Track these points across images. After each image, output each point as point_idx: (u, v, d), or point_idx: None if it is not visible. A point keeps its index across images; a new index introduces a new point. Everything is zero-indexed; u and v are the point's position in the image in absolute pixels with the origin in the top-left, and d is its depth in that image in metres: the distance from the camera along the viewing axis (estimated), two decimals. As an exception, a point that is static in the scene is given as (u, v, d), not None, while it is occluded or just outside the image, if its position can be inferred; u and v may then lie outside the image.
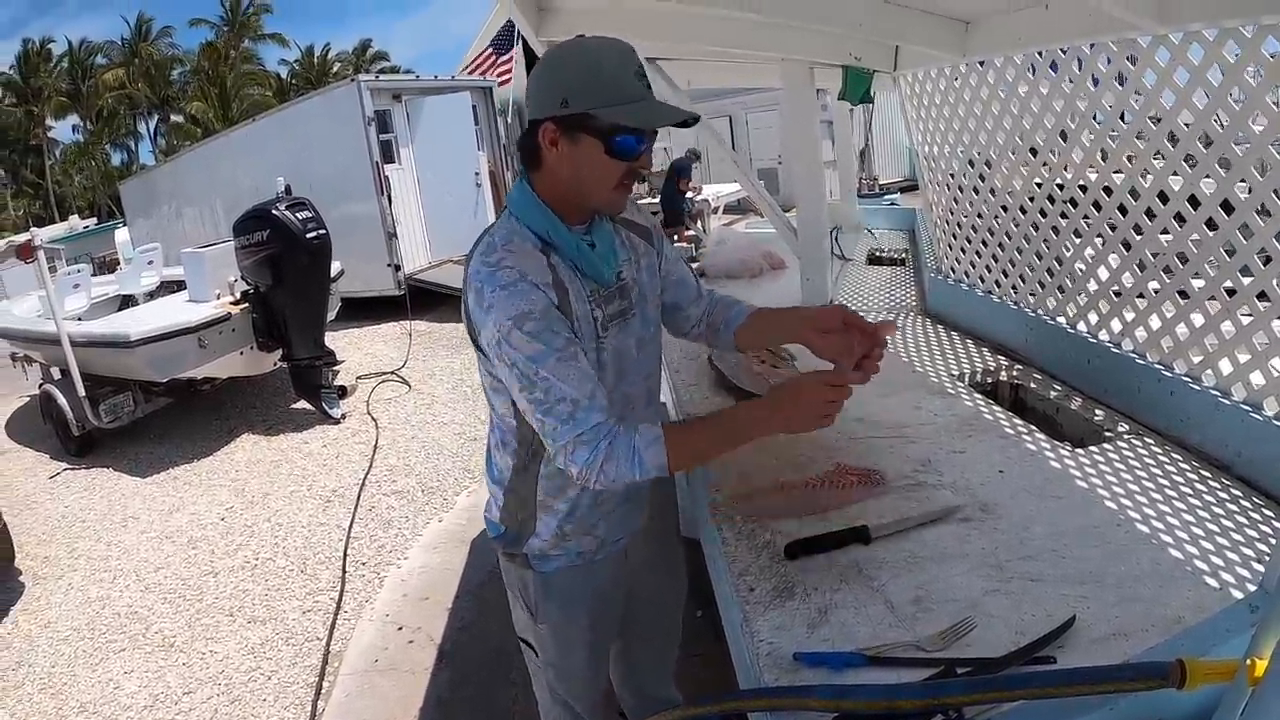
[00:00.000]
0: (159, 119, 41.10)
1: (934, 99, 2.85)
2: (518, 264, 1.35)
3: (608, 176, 1.39)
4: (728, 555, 1.50)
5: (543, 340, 1.32)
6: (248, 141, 10.81)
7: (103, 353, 5.82)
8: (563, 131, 1.35)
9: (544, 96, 1.35)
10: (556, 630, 1.70)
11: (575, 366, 1.34)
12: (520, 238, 1.41)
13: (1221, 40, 1.64)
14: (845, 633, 1.24)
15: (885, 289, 3.63)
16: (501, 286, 1.32)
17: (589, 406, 1.34)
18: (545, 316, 1.33)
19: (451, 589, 3.79)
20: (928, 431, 1.98)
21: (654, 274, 1.66)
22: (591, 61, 1.34)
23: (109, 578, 4.37)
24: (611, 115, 1.32)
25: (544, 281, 1.36)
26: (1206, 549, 1.44)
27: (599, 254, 1.47)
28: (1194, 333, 1.89)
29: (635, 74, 1.35)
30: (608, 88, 1.32)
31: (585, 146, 1.35)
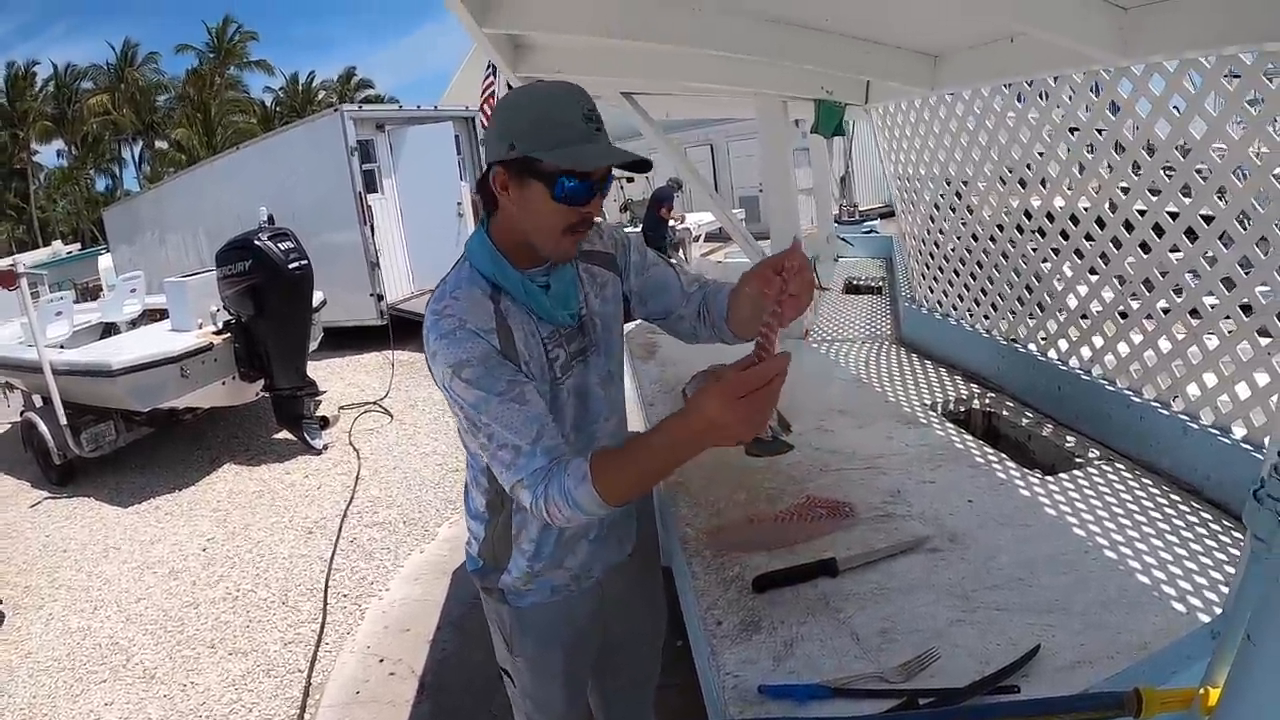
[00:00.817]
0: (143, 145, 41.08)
1: (905, 130, 2.91)
2: (459, 311, 1.35)
3: (553, 222, 1.35)
4: (697, 589, 1.50)
5: (482, 386, 1.31)
6: (231, 170, 10.81)
7: (84, 381, 5.79)
8: (511, 175, 1.34)
9: (495, 141, 1.34)
10: (533, 663, 1.70)
11: (518, 410, 1.32)
12: (469, 283, 1.40)
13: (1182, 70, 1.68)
14: (811, 665, 1.24)
15: (862, 318, 3.67)
16: (441, 335, 1.33)
17: (530, 452, 1.31)
18: (484, 363, 1.32)
19: (433, 620, 3.76)
20: (899, 462, 2.00)
21: (618, 301, 1.63)
22: (537, 105, 1.33)
23: (90, 608, 4.32)
24: (554, 159, 1.29)
25: (484, 328, 1.35)
26: (1175, 574, 1.46)
27: (554, 295, 1.45)
28: (1161, 358, 1.92)
29: (583, 116, 1.32)
30: (551, 131, 1.29)
31: (532, 191, 1.33)
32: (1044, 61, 1.91)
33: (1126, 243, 1.98)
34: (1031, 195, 2.30)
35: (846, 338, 3.33)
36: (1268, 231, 1.61)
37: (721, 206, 3.48)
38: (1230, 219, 1.69)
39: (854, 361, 2.94)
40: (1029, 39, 1.91)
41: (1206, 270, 1.77)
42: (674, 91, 3.30)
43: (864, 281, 4.38)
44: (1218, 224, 1.72)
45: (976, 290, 2.65)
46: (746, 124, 16.49)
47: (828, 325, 3.55)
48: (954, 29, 2.08)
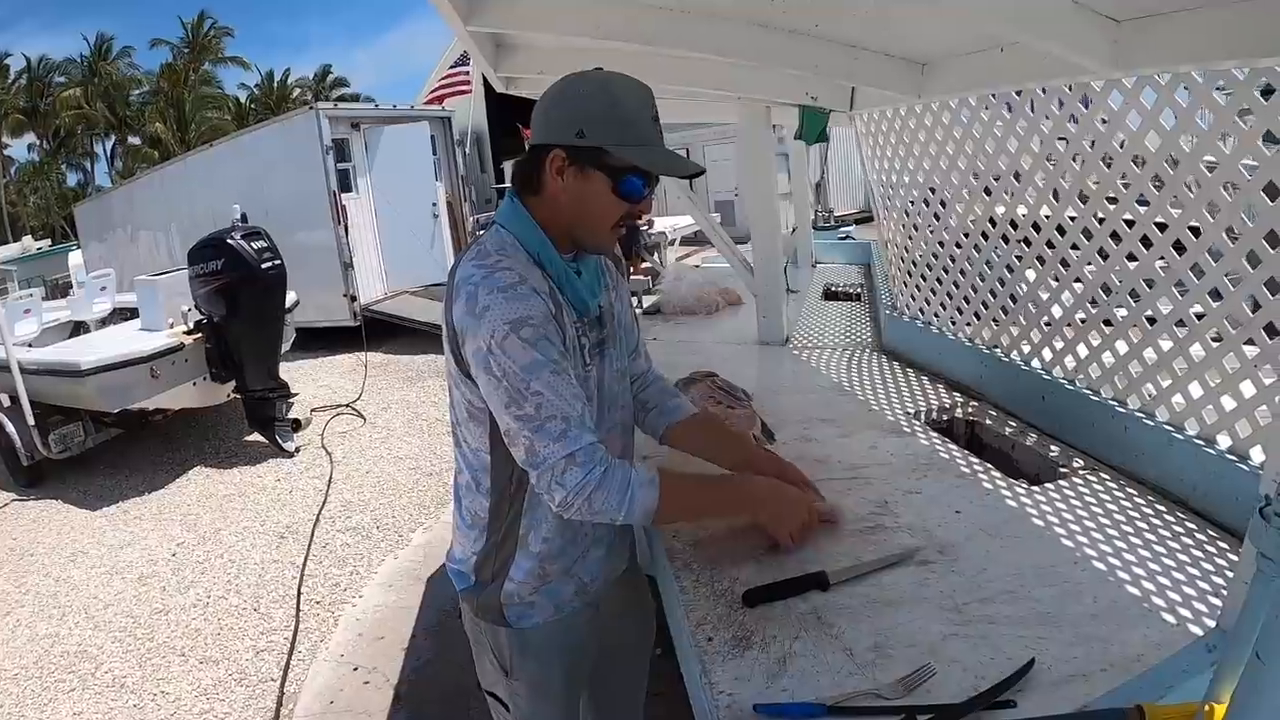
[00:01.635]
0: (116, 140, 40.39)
1: (889, 137, 2.90)
2: (516, 267, 1.30)
3: (608, 215, 1.35)
4: (686, 604, 1.47)
5: (540, 349, 1.26)
6: (205, 167, 10.65)
7: (53, 381, 5.67)
8: (572, 161, 1.31)
9: (558, 123, 1.31)
10: (533, 686, 1.61)
11: (569, 380, 1.30)
12: (513, 248, 1.35)
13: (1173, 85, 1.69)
14: (805, 682, 1.22)
15: (842, 325, 3.66)
16: (500, 289, 1.26)
17: (581, 424, 1.29)
18: (544, 325, 1.28)
19: (407, 628, 3.71)
20: (884, 472, 1.99)
21: (626, 304, 1.64)
22: (615, 97, 1.30)
23: (58, 614, 4.21)
24: (627, 155, 1.29)
25: (543, 290, 1.31)
26: (1164, 584, 1.46)
27: (584, 283, 1.43)
28: (1147, 368, 1.92)
29: (652, 118, 1.32)
30: (627, 127, 1.29)
31: (593, 181, 1.32)
32: (1034, 71, 1.91)
33: (1113, 253, 1.98)
34: (1017, 204, 2.30)
35: (827, 344, 3.32)
36: (1256, 245, 1.61)
37: (703, 211, 3.46)
38: (1219, 232, 1.70)
39: (835, 369, 2.93)
40: (1020, 48, 1.91)
41: (1194, 283, 1.78)
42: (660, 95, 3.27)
43: (842, 288, 4.38)
44: (1205, 237, 1.73)
45: (959, 299, 2.65)
46: (722, 128, 16.52)
47: (808, 332, 3.54)
48: (944, 37, 2.07)
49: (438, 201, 10.84)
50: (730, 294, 4.17)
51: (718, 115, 5.17)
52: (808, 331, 3.55)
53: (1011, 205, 2.33)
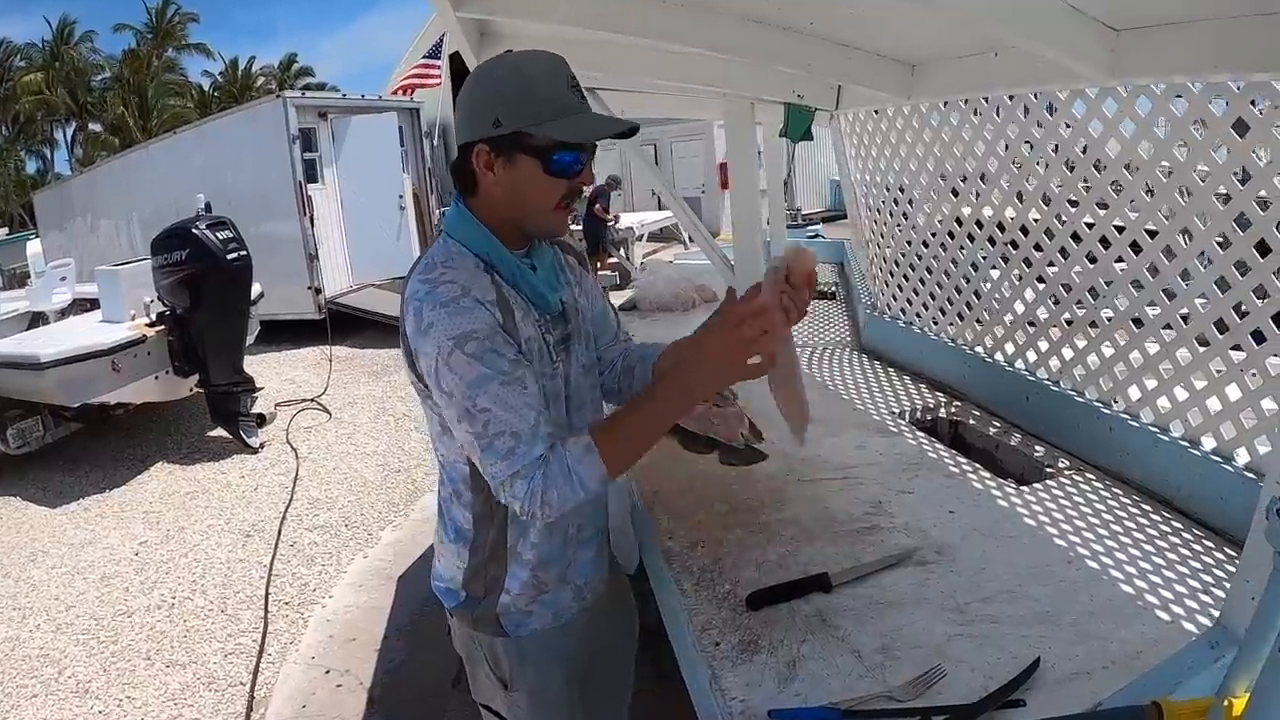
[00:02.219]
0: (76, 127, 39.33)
1: (874, 137, 2.91)
2: (459, 279, 1.25)
3: (548, 196, 1.30)
4: (689, 607, 1.46)
5: (486, 363, 1.21)
6: (167, 155, 10.36)
7: (11, 374, 5.47)
8: (497, 153, 1.26)
9: (474, 117, 1.27)
10: (534, 696, 1.55)
11: (520, 393, 1.24)
12: (460, 256, 1.30)
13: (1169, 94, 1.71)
14: (817, 685, 1.21)
15: (819, 324, 3.67)
16: (442, 304, 1.22)
17: (530, 438, 1.23)
18: (490, 337, 1.22)
19: (379, 629, 3.63)
20: (874, 472, 1.99)
21: (592, 297, 1.59)
22: (522, 76, 1.24)
23: (18, 617, 4.07)
24: (548, 131, 1.23)
25: (488, 299, 1.26)
26: (1155, 583, 1.48)
27: (541, 278, 1.39)
28: (1132, 371, 1.95)
29: (569, 86, 1.26)
30: (542, 103, 1.23)
31: (522, 167, 1.26)
32: (1027, 76, 1.92)
33: (1101, 257, 2.00)
34: (1005, 207, 2.32)
35: (806, 343, 3.33)
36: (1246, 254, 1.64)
37: (683, 208, 3.45)
38: (1210, 239, 1.72)
39: (816, 368, 2.94)
40: (1014, 53, 1.91)
41: (1181, 287, 1.80)
42: (640, 89, 3.25)
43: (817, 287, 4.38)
44: (1196, 242, 1.75)
45: (942, 299, 2.66)
46: (689, 125, 16.61)
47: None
48: (938, 39, 2.07)
49: (404, 194, 10.70)
50: (706, 291, 4.16)
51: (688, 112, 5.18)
52: (785, 330, 3.54)
53: (998, 207, 2.35)
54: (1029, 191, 2.23)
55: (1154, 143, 1.79)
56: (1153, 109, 1.77)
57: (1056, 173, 2.13)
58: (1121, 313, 1.97)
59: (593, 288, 1.61)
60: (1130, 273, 1.93)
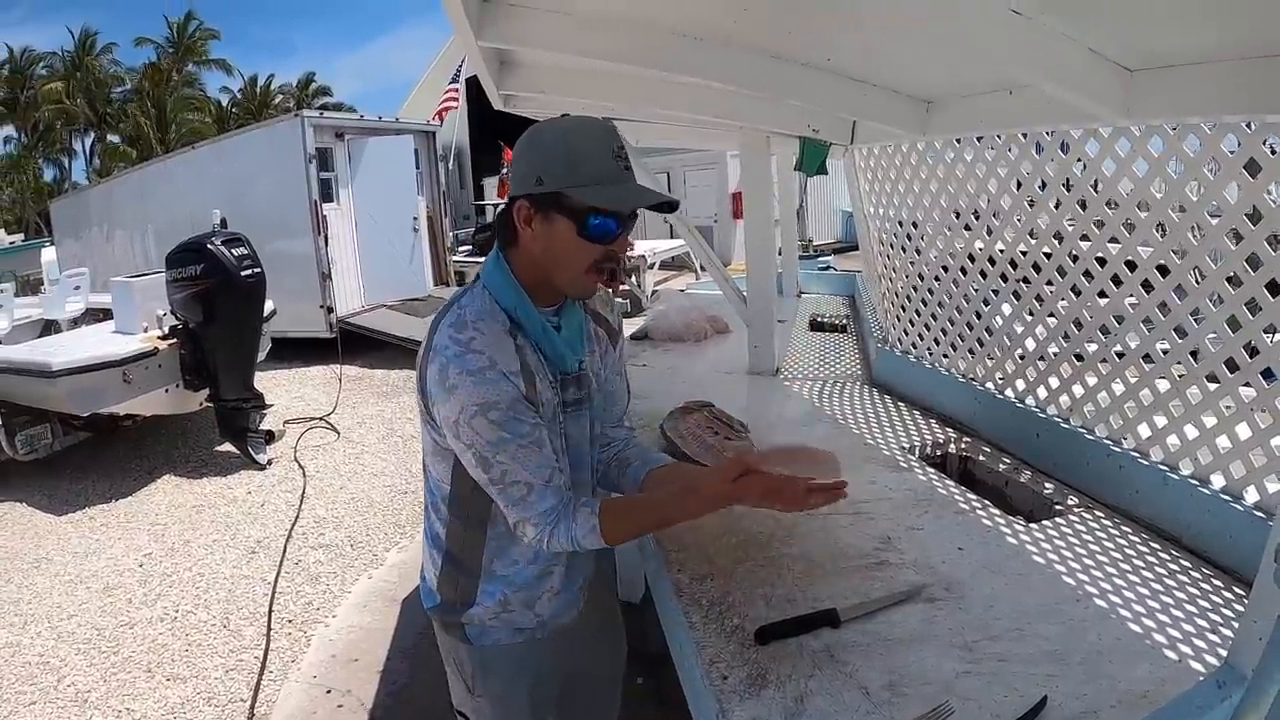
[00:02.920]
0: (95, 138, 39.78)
1: (888, 172, 2.93)
2: (488, 349, 1.33)
3: (578, 259, 1.36)
4: (697, 640, 1.46)
5: (507, 430, 1.31)
6: (185, 170, 10.47)
7: (22, 380, 5.49)
8: (536, 209, 1.34)
9: (521, 173, 1.34)
10: (496, 704, 1.64)
11: (536, 453, 1.35)
12: (490, 317, 1.38)
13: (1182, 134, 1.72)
14: (824, 722, 1.21)
15: (830, 357, 3.68)
16: (470, 371, 1.30)
17: (543, 490, 1.36)
18: (512, 407, 1.32)
19: (382, 651, 3.62)
20: (884, 507, 1.99)
21: (618, 374, 1.68)
22: (567, 140, 1.32)
23: (19, 623, 4.07)
24: (583, 195, 1.30)
25: (512, 370, 1.34)
26: (1163, 621, 1.48)
27: (564, 339, 1.46)
28: (1142, 409, 1.95)
29: (613, 154, 1.31)
30: (582, 167, 1.30)
31: (558, 226, 1.33)
32: (1042, 115, 1.94)
33: (1113, 294, 2.01)
34: (1018, 244, 2.33)
35: (817, 376, 3.33)
36: (1257, 292, 1.65)
37: (697, 239, 3.48)
38: (1221, 278, 1.73)
39: (827, 402, 2.94)
40: (1029, 91, 1.94)
41: (1192, 325, 1.81)
42: (655, 120, 3.29)
43: (828, 319, 4.40)
44: (1207, 281, 1.76)
45: (954, 334, 2.67)
46: (703, 155, 16.69)
47: (797, 363, 3.55)
48: (953, 76, 2.10)
49: (418, 216, 10.78)
50: (718, 322, 4.17)
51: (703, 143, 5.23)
52: (796, 363, 3.56)
53: (1011, 243, 2.36)
54: (1041, 228, 2.25)
55: (1166, 180, 1.81)
56: (1165, 148, 1.78)
57: (1069, 209, 2.14)
58: (1133, 350, 1.98)
59: (615, 364, 1.68)
60: (1142, 310, 1.93)
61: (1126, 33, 1.46)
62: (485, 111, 3.03)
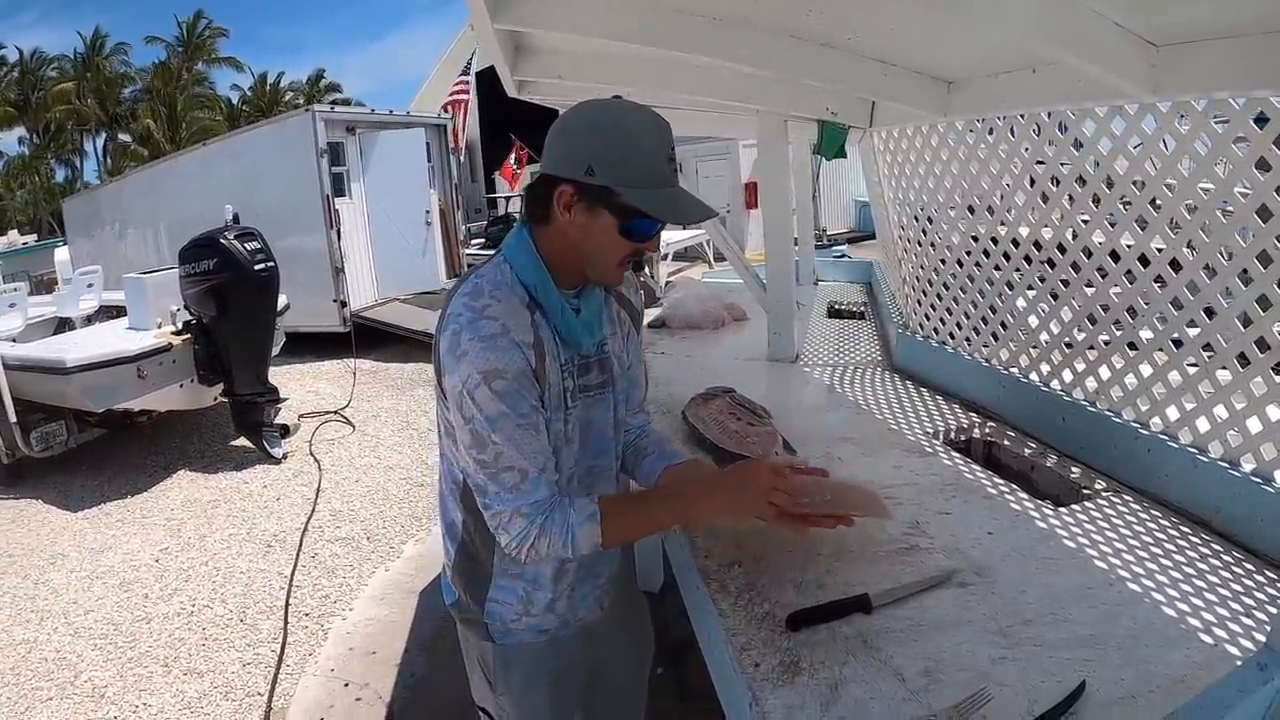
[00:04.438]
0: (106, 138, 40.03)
1: (907, 155, 2.89)
2: (503, 316, 1.29)
3: (614, 253, 1.34)
4: (727, 628, 1.43)
5: (508, 402, 1.27)
6: (196, 166, 10.51)
7: (37, 378, 5.55)
8: (581, 198, 1.29)
9: (569, 156, 1.29)
10: (518, 701, 1.61)
11: (533, 437, 1.31)
12: (509, 289, 1.34)
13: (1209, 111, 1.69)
14: (860, 710, 1.19)
15: (850, 343, 3.65)
16: (481, 337, 1.27)
17: (536, 480, 1.31)
18: (518, 379, 1.28)
19: (400, 643, 3.63)
20: (912, 492, 1.96)
21: (639, 359, 1.64)
22: (628, 135, 1.27)
23: (36, 619, 4.11)
24: (635, 197, 1.26)
25: (526, 341, 1.31)
26: (1197, 605, 1.45)
27: (583, 321, 1.42)
28: (1171, 391, 1.91)
29: (667, 158, 1.29)
30: (637, 166, 1.26)
31: (600, 219, 1.30)
32: (1066, 93, 1.90)
33: (1141, 276, 1.97)
34: (1042, 226, 2.29)
35: (837, 363, 3.30)
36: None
37: (718, 227, 3.45)
38: (1249, 257, 1.69)
39: (849, 388, 2.91)
40: (1052, 70, 1.90)
41: (1222, 305, 1.78)
42: (672, 105, 3.26)
43: (846, 306, 4.36)
44: (1236, 260, 1.72)
45: (977, 318, 2.64)
46: (715, 145, 16.63)
47: (816, 349, 3.52)
48: (975, 55, 2.06)
49: (431, 209, 10.77)
50: (735, 309, 4.14)
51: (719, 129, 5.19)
52: (816, 349, 3.53)
53: (1035, 226, 2.33)
54: (1066, 210, 2.21)
55: (1194, 159, 1.77)
56: (1192, 126, 1.74)
57: (1094, 191, 2.11)
58: (1160, 332, 1.94)
59: (636, 348, 1.66)
60: (1170, 291, 1.90)
61: (1153, 5, 1.43)
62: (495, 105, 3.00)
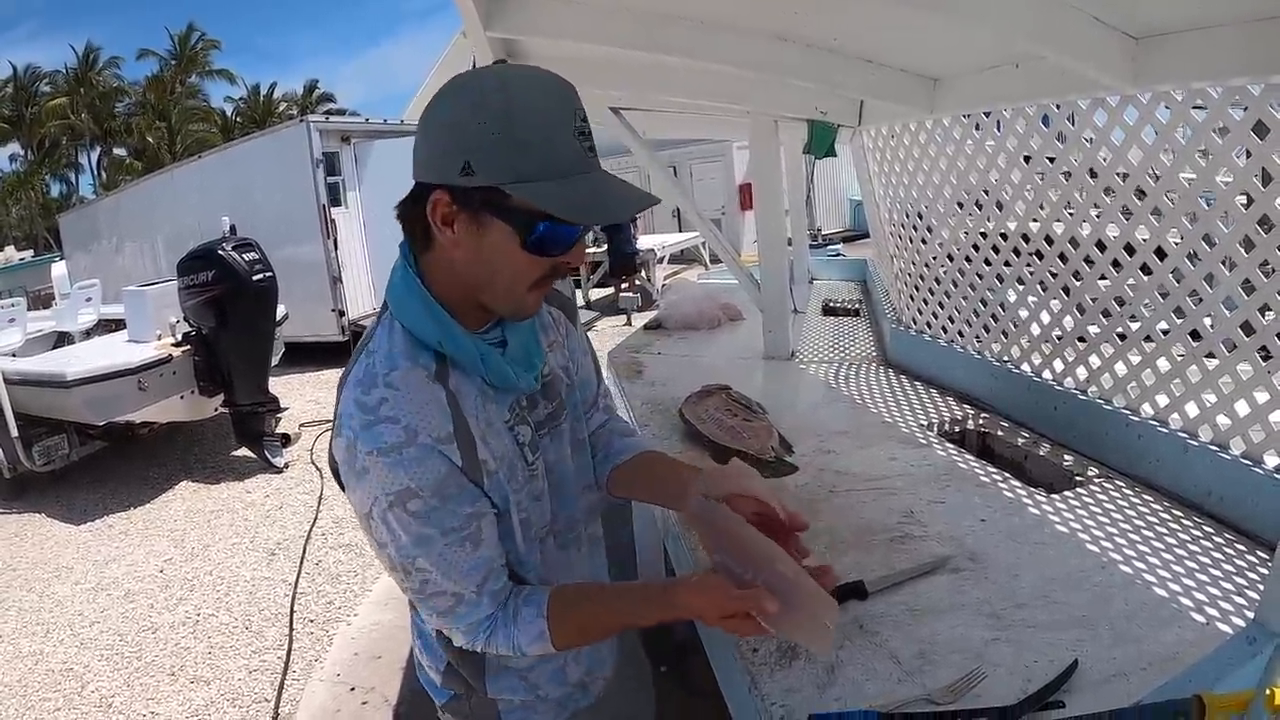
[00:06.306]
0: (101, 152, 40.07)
1: (896, 152, 2.93)
2: (404, 414, 0.99)
3: (520, 276, 1.00)
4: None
5: (431, 523, 1.01)
6: (192, 179, 10.59)
7: (37, 392, 5.61)
8: (461, 208, 0.95)
9: (438, 152, 0.95)
10: None
11: (468, 554, 1.05)
12: (408, 360, 1.04)
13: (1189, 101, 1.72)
14: (856, 690, 1.22)
15: (844, 340, 3.68)
16: (382, 450, 0.97)
17: (473, 601, 1.07)
18: (439, 492, 1.00)
19: (405, 647, 3.64)
20: (906, 483, 1.99)
21: (583, 352, 1.36)
22: (515, 109, 0.90)
23: (42, 631, 4.15)
24: (534, 196, 0.91)
25: (443, 434, 1.01)
26: (1189, 585, 1.48)
27: (514, 354, 1.12)
28: (1160, 378, 1.94)
29: (575, 131, 0.93)
30: (530, 153, 0.90)
31: (492, 233, 0.96)
32: (1050, 88, 1.94)
33: (1127, 265, 2.01)
34: (1030, 219, 2.33)
35: (832, 359, 3.33)
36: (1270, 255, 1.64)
37: (710, 228, 3.48)
38: (1233, 243, 1.72)
39: (844, 383, 2.94)
40: (1034, 65, 1.94)
41: (1207, 291, 1.81)
42: (664, 108, 3.30)
43: (840, 304, 4.41)
44: (1219, 247, 1.76)
45: (968, 312, 2.67)
46: (708, 147, 16.70)
47: (811, 346, 3.55)
48: (960, 52, 2.10)
49: (427, 216, 10.78)
50: (731, 309, 4.17)
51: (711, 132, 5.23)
52: (811, 346, 3.56)
53: (1022, 219, 2.36)
54: (1052, 203, 2.24)
55: (1175, 148, 1.80)
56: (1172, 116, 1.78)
57: (1079, 183, 2.14)
58: (1147, 319, 1.98)
59: (579, 344, 1.36)
60: (1155, 279, 1.93)
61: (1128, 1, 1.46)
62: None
